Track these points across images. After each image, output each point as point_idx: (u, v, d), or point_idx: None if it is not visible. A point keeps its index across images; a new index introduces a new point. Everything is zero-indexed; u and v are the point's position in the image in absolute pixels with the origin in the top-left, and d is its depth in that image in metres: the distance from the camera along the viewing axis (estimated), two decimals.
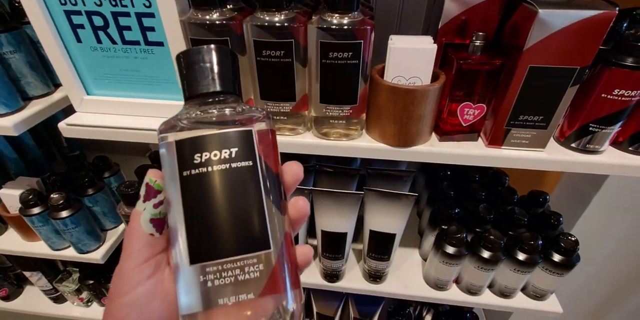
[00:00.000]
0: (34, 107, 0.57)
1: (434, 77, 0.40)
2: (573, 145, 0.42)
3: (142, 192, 0.24)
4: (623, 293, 0.76)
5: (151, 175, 0.24)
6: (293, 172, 0.25)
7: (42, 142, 0.86)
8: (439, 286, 0.62)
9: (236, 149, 0.22)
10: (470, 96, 0.41)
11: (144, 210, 0.23)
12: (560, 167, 0.42)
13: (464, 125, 0.43)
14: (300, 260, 0.24)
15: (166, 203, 0.23)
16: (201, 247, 0.21)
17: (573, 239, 0.54)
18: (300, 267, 0.24)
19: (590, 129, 0.40)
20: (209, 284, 0.20)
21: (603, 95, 0.38)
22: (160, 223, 0.23)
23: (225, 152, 0.22)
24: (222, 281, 0.20)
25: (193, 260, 0.21)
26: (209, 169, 0.21)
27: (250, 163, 0.22)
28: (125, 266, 0.22)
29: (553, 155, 0.42)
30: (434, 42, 0.39)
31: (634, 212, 0.67)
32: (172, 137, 0.22)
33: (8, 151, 0.76)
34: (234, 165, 0.22)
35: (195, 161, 0.21)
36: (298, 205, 0.24)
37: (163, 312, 0.22)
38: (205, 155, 0.21)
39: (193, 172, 0.21)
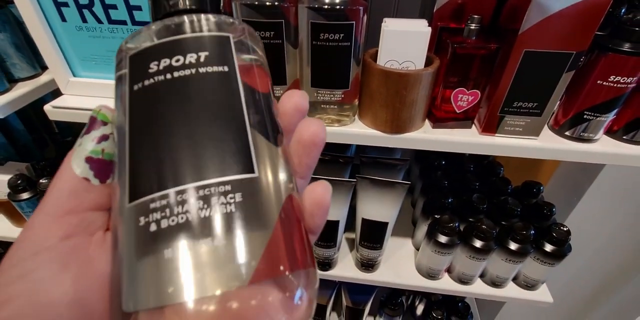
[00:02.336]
0: (20, 89, 0.56)
1: (428, 62, 0.39)
2: (567, 133, 0.42)
3: (85, 127, 0.18)
4: (613, 285, 0.76)
5: (97, 107, 0.18)
6: (291, 99, 0.18)
7: (33, 128, 0.85)
8: (431, 275, 0.62)
9: (206, 53, 0.16)
10: (465, 82, 0.40)
11: (78, 146, 0.17)
12: (554, 155, 0.42)
13: (458, 112, 0.42)
14: (312, 207, 0.17)
15: (113, 142, 0.17)
16: (148, 172, 0.14)
17: (565, 229, 0.53)
18: (314, 221, 0.17)
19: (585, 116, 0.40)
20: (153, 226, 0.13)
21: (599, 81, 0.37)
22: (100, 165, 0.17)
23: (192, 56, 0.16)
24: (175, 220, 0.13)
25: (136, 193, 0.14)
26: (167, 76, 0.16)
27: (226, 68, 0.16)
28: (34, 221, 0.16)
29: (547, 143, 0.41)
30: (429, 26, 0.37)
31: (627, 205, 0.67)
32: (129, 52, 0.17)
33: None
34: (202, 70, 0.16)
35: (151, 70, 0.16)
36: (315, 193, 0.17)
37: (75, 299, 0.14)
38: (165, 62, 0.16)
39: (146, 82, 0.16)
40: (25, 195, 0.65)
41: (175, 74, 0.16)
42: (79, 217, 0.16)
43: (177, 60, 0.16)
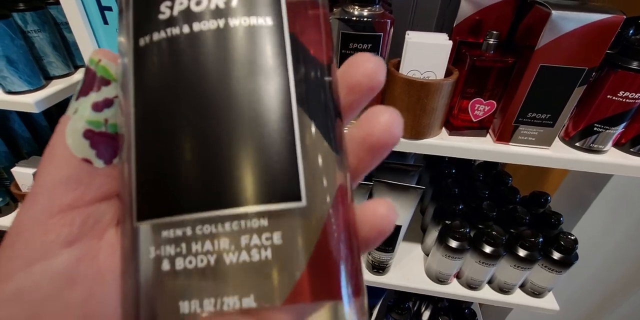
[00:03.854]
0: (55, 86, 0.59)
1: (448, 73, 0.42)
2: (577, 144, 0.44)
3: (79, 84, 0.13)
4: (619, 295, 0.77)
5: (95, 54, 0.13)
6: (363, 68, 0.13)
7: (54, 124, 0.87)
8: (440, 280, 0.63)
9: None
10: (481, 93, 0.43)
11: (74, 114, 0.13)
12: (565, 165, 0.44)
13: (474, 121, 0.45)
14: (369, 232, 0.13)
15: (119, 107, 0.13)
16: (159, 185, 0.11)
17: (572, 237, 0.55)
18: (367, 245, 0.13)
19: (595, 129, 0.42)
20: (166, 264, 0.10)
21: (608, 96, 0.40)
22: (105, 142, 0.13)
23: None
24: (193, 262, 0.10)
25: (142, 213, 0.11)
26: (183, 29, 0.11)
27: (270, 21, 0.11)
28: (25, 220, 0.12)
29: (558, 153, 0.43)
30: (450, 40, 0.40)
31: (633, 216, 0.68)
32: None
33: (22, 130, 0.78)
34: (233, 22, 0.11)
35: (162, 15, 0.11)
36: (377, 217, 0.13)
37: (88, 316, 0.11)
38: (181, 4, 0.11)
39: (155, 37, 0.11)
40: None
41: (195, 27, 0.11)
42: (84, 214, 0.12)
43: (199, 3, 0.11)
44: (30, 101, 0.55)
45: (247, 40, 0.11)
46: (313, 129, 0.11)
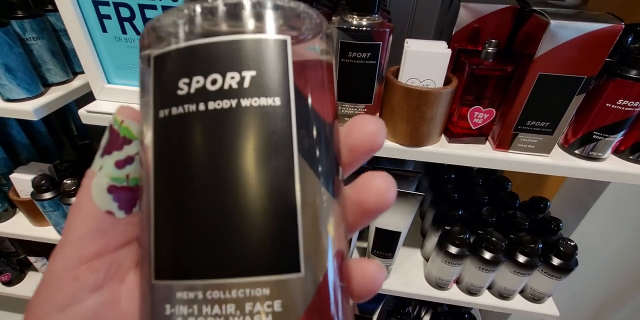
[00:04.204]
0: (54, 93, 0.58)
1: (447, 81, 0.42)
2: (577, 151, 0.44)
3: (104, 141, 0.15)
4: (619, 300, 0.77)
5: (118, 114, 0.15)
6: (366, 130, 0.14)
7: (53, 130, 0.87)
8: (440, 285, 0.63)
9: (253, 72, 0.12)
10: (481, 100, 0.43)
11: (99, 170, 0.14)
12: (564, 172, 0.44)
13: (473, 128, 0.45)
14: (359, 291, 0.14)
15: (139, 163, 0.14)
16: (174, 252, 0.12)
17: (572, 243, 0.55)
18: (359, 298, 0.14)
19: (594, 136, 0.42)
20: None
21: (607, 104, 0.40)
22: (126, 195, 0.14)
23: (233, 77, 0.12)
24: None
25: (160, 274, 0.12)
26: (200, 107, 0.12)
27: (278, 101, 0.12)
28: (57, 267, 0.13)
29: (557, 161, 0.44)
30: (448, 48, 0.40)
31: (632, 221, 0.68)
32: (154, 50, 0.13)
33: (21, 137, 0.78)
34: (245, 103, 0.12)
35: (180, 91, 0.12)
36: (367, 275, 0.14)
37: None
38: (197, 83, 0.12)
39: (174, 111, 0.13)
40: (48, 195, 0.67)
41: (210, 106, 0.12)
42: (108, 260, 0.13)
43: (214, 82, 0.12)
44: (29, 109, 0.54)
45: (256, 119, 0.12)
46: (316, 201, 0.12)
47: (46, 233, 0.74)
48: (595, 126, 0.41)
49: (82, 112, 0.52)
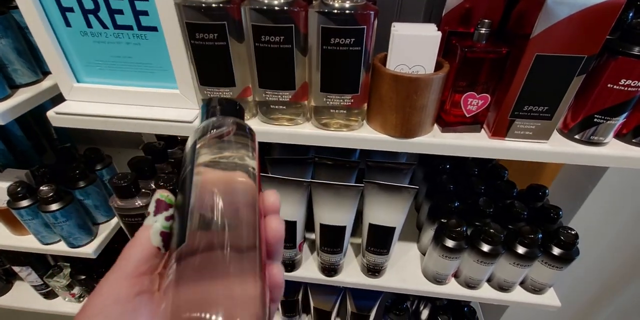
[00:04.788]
0: (22, 95, 0.55)
1: (438, 66, 0.39)
2: (577, 137, 0.42)
3: (151, 208, 0.23)
4: (619, 286, 0.76)
5: (162, 191, 0.23)
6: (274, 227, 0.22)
7: (32, 134, 0.83)
8: (438, 280, 0.61)
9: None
10: (474, 86, 0.40)
11: (155, 223, 0.22)
12: (564, 159, 0.42)
13: (467, 116, 0.42)
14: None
15: (174, 220, 0.22)
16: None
17: (573, 232, 0.53)
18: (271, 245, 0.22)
19: (595, 120, 0.40)
20: None
21: (609, 85, 0.37)
22: (167, 238, 0.22)
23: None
24: None
25: None
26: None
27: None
28: (116, 275, 0.20)
29: (557, 147, 0.41)
30: (438, 31, 0.37)
31: (630, 207, 0.67)
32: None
33: None
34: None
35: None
36: (271, 227, 0.22)
37: None
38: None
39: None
40: (24, 203, 0.64)
41: None
42: (150, 278, 0.20)
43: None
44: None
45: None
46: None
47: (27, 242, 0.70)
48: (596, 109, 0.39)
49: (50, 114, 0.48)
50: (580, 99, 0.40)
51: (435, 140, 0.43)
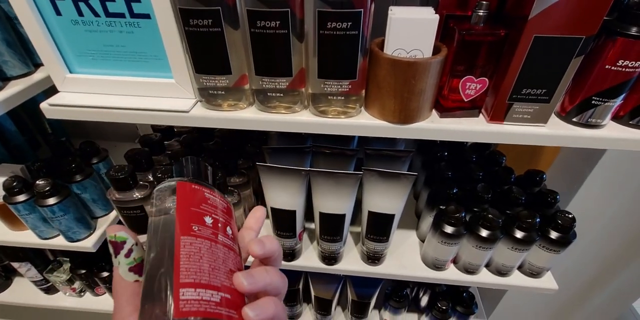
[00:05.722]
0: (13, 88, 0.54)
1: (436, 50, 0.39)
2: (574, 119, 0.42)
3: (111, 250, 0.24)
4: (616, 269, 0.77)
5: (109, 232, 0.24)
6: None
7: (25, 129, 0.82)
8: (437, 266, 0.62)
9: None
10: (472, 70, 0.40)
11: (119, 264, 0.24)
12: (562, 142, 0.42)
13: (466, 100, 0.42)
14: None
15: (139, 247, 0.25)
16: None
17: (570, 216, 0.54)
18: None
19: (593, 102, 0.40)
20: None
21: (607, 66, 0.37)
22: (139, 268, 0.24)
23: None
24: None
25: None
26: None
27: None
28: (117, 318, 0.23)
29: (555, 130, 0.41)
30: (436, 14, 0.37)
31: (627, 191, 0.67)
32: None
33: None
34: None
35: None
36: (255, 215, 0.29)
37: None
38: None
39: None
40: (21, 198, 0.63)
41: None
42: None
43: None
44: None
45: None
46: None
47: (25, 237, 0.70)
48: (594, 91, 0.39)
49: (44, 106, 0.48)
50: (578, 81, 0.40)
51: (434, 126, 0.43)
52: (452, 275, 0.62)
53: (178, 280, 0.21)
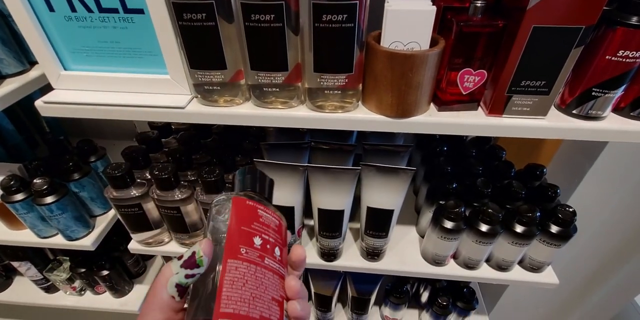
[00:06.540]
0: (9, 86, 0.53)
1: (433, 43, 0.39)
2: (574, 111, 0.41)
3: (186, 255, 0.25)
4: (616, 263, 0.77)
5: (201, 247, 0.25)
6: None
7: (23, 128, 0.82)
8: (437, 262, 0.61)
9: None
10: (470, 62, 0.39)
11: (176, 274, 0.25)
12: (562, 134, 0.41)
13: (464, 93, 0.41)
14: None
15: (197, 278, 0.25)
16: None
17: (571, 210, 0.53)
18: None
19: (593, 93, 0.39)
20: None
21: (607, 57, 0.37)
22: (183, 290, 0.25)
23: None
24: None
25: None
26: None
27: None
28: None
29: (554, 123, 0.41)
30: (433, 5, 0.36)
31: (628, 185, 0.67)
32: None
33: None
34: None
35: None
36: (289, 285, 0.27)
37: None
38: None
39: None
40: (19, 197, 0.63)
41: None
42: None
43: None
44: None
45: None
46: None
47: (24, 236, 0.70)
48: (594, 82, 0.38)
49: (39, 103, 0.47)
50: (578, 72, 0.39)
51: (432, 120, 0.42)
52: (452, 270, 0.62)
53: (219, 310, 0.22)
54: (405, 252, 0.65)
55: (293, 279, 0.28)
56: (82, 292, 0.92)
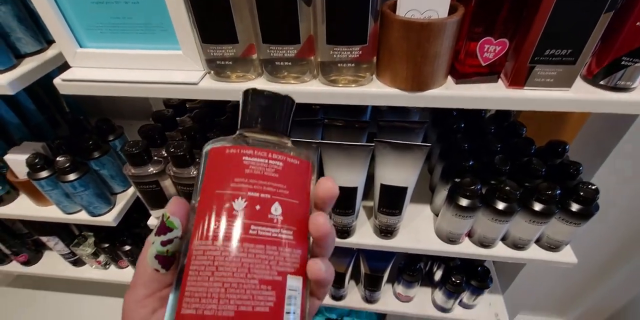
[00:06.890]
0: (28, 65, 0.55)
1: (452, 10, 0.37)
2: (602, 82, 0.39)
3: (157, 224, 0.23)
4: (638, 243, 0.75)
5: (167, 209, 0.23)
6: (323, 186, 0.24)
7: (44, 108, 0.84)
8: (451, 240, 0.61)
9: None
10: (491, 31, 0.37)
11: (152, 244, 0.22)
12: (588, 107, 0.39)
13: (484, 64, 0.40)
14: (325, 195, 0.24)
15: (178, 241, 0.22)
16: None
17: (593, 187, 0.52)
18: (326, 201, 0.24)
19: (623, 63, 0.37)
20: None
21: (638, 23, 0.34)
22: (166, 260, 0.22)
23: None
24: None
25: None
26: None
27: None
28: (128, 299, 0.23)
29: (580, 95, 0.39)
30: None
31: None
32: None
33: (10, 116, 0.75)
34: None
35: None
36: (317, 222, 0.22)
37: None
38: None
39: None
40: (44, 174, 0.65)
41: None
42: (157, 296, 0.23)
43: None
44: (3, 83, 0.51)
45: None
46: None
47: (50, 212, 0.73)
48: (624, 50, 0.36)
49: (57, 81, 0.48)
50: (607, 40, 0.37)
51: (449, 93, 0.41)
52: (466, 248, 0.62)
53: (180, 311, 0.19)
54: (419, 230, 0.65)
55: (320, 214, 0.22)
56: (107, 266, 0.97)
